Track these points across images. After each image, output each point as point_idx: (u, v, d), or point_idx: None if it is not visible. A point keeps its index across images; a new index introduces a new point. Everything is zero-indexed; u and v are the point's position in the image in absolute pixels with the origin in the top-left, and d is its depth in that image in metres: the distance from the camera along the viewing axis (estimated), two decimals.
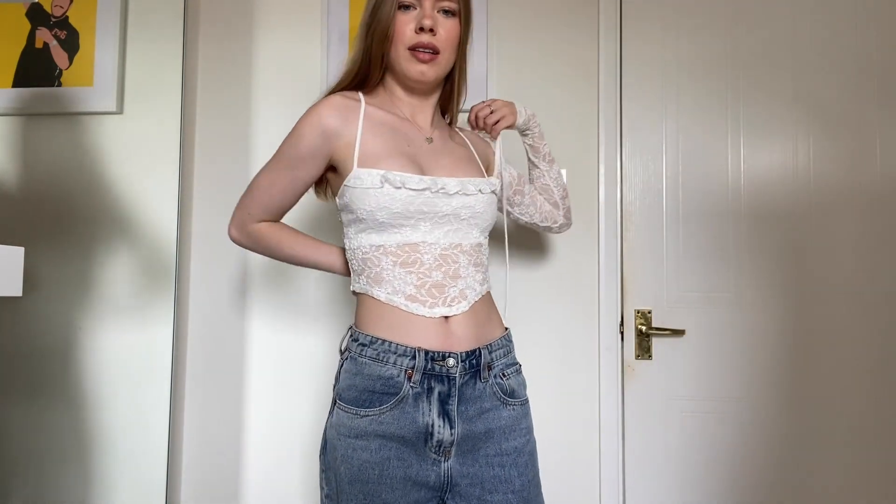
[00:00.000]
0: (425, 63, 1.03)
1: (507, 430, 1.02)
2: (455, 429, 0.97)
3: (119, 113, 1.60)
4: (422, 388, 0.97)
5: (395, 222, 0.99)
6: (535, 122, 1.24)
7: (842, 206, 1.61)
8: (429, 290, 0.99)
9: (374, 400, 0.96)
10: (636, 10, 1.67)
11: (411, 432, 0.96)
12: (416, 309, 0.98)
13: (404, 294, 0.99)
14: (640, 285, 1.63)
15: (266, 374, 1.65)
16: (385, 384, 0.97)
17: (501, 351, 1.06)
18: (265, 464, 1.64)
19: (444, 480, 0.98)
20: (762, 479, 1.59)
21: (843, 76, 1.62)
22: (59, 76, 1.61)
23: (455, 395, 0.98)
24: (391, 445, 0.96)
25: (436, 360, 0.97)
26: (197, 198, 1.69)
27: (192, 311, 1.67)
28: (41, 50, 1.61)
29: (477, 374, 1.01)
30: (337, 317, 1.65)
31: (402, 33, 1.03)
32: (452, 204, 1.01)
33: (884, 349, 1.58)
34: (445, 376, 0.98)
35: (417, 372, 0.96)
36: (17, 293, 0.63)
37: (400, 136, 1.06)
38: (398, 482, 0.95)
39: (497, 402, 1.02)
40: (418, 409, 0.96)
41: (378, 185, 0.98)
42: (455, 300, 1.01)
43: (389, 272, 0.99)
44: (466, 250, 1.04)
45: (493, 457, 1.00)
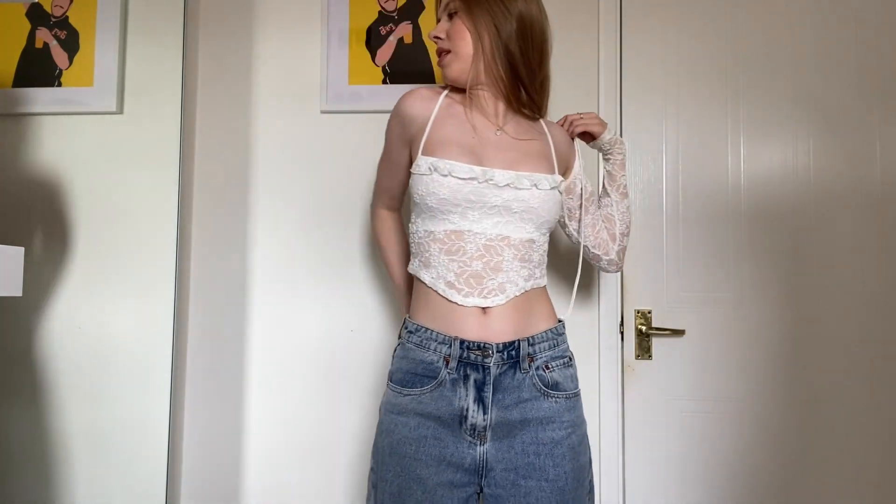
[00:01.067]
0: (443, 65, 1.15)
1: (545, 420, 1.04)
2: (488, 415, 1.02)
3: (119, 113, 1.60)
4: (458, 375, 1.03)
5: (444, 208, 1.04)
6: (619, 150, 1.25)
7: (842, 206, 1.61)
8: (467, 279, 1.04)
9: (416, 381, 1.05)
10: (636, 10, 1.67)
11: (447, 414, 1.02)
12: (451, 296, 1.04)
13: (444, 280, 1.05)
14: (639, 285, 1.63)
15: (266, 374, 1.66)
16: (426, 368, 1.04)
17: (546, 344, 1.08)
18: (265, 464, 1.64)
19: (479, 464, 1.02)
20: (762, 479, 1.59)
21: (843, 76, 1.62)
22: (59, 76, 1.61)
23: (490, 384, 1.03)
24: (429, 424, 1.03)
25: (471, 349, 1.03)
26: (197, 198, 1.69)
27: (192, 311, 1.67)
28: (41, 50, 1.61)
29: (516, 364, 1.04)
30: (337, 317, 1.65)
31: None
32: (503, 196, 1.05)
33: (884, 349, 1.58)
34: (480, 365, 1.03)
35: (453, 359, 1.03)
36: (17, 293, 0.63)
37: (467, 127, 1.11)
38: (432, 460, 1.01)
39: (537, 393, 1.04)
40: (455, 394, 1.02)
41: (428, 172, 1.05)
42: (492, 293, 1.05)
43: (436, 258, 1.06)
44: (514, 244, 1.06)
45: (529, 445, 1.03)
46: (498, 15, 1.10)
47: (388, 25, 1.66)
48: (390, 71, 1.65)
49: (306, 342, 1.65)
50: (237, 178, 1.68)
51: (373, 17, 1.67)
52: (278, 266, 1.67)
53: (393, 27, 1.66)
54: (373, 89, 1.64)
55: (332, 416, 1.63)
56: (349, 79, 1.65)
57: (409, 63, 1.65)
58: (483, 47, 1.11)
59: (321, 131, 1.67)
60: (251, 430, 1.65)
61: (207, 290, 1.67)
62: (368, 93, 1.64)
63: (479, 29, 1.11)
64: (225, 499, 1.64)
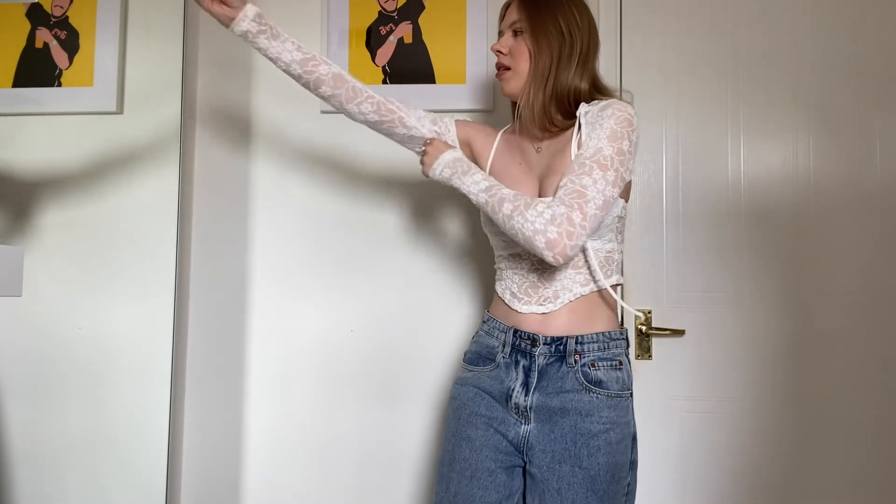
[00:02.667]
0: (502, 80, 1.22)
1: (584, 412, 1.10)
2: (529, 397, 1.13)
3: (119, 113, 1.60)
4: (510, 360, 1.16)
5: (500, 232, 1.17)
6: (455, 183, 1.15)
7: (842, 206, 1.61)
8: (526, 290, 1.17)
9: (480, 361, 1.21)
10: (636, 10, 1.67)
11: (498, 392, 1.16)
12: (514, 305, 1.18)
13: (510, 291, 1.20)
14: (640, 285, 1.63)
15: (266, 374, 1.66)
16: (489, 351, 1.20)
17: (597, 345, 1.14)
18: (265, 464, 1.64)
19: (521, 440, 1.13)
20: (762, 479, 1.59)
21: (843, 76, 1.62)
22: (59, 76, 1.61)
23: (535, 371, 1.13)
24: (483, 395, 1.18)
25: (522, 338, 1.15)
26: (197, 198, 1.69)
27: (192, 310, 1.67)
28: (41, 50, 1.61)
29: (563, 359, 1.13)
30: (337, 317, 1.65)
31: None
32: None
33: (884, 349, 1.58)
34: (528, 353, 1.14)
35: (507, 345, 1.17)
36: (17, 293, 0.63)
37: (514, 156, 1.24)
38: (481, 423, 1.15)
39: (579, 387, 1.11)
40: (508, 375, 1.16)
41: None
42: (547, 300, 1.15)
43: (505, 273, 1.22)
44: None
45: (568, 433, 1.10)
46: (563, 44, 1.16)
47: (388, 25, 1.66)
48: (390, 71, 1.65)
49: (306, 342, 1.65)
50: (237, 178, 1.68)
51: (373, 17, 1.67)
52: (278, 266, 1.67)
53: (393, 27, 1.66)
54: (373, 89, 1.64)
55: (332, 415, 1.63)
56: None
57: (408, 63, 1.65)
58: (537, 70, 1.17)
59: (321, 131, 1.67)
60: (251, 430, 1.65)
61: (207, 290, 1.67)
62: None
63: (540, 51, 1.16)
64: (225, 499, 1.64)
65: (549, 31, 1.18)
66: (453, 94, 1.64)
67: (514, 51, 1.19)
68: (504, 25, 1.23)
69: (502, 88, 1.23)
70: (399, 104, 1.24)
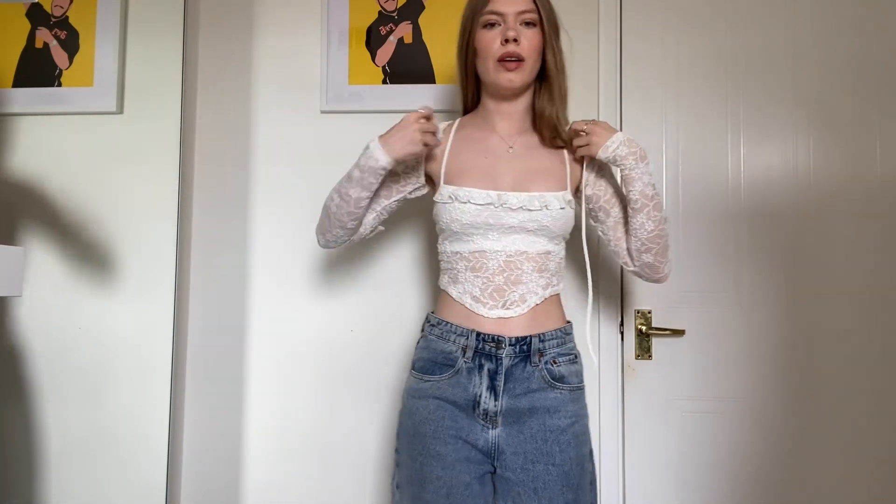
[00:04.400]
0: (511, 71, 1.15)
1: (551, 409, 1.11)
2: (499, 402, 1.11)
3: (119, 113, 1.60)
4: (473, 364, 1.12)
5: (467, 231, 1.15)
6: (627, 164, 1.14)
7: (842, 206, 1.61)
8: (491, 293, 1.14)
9: (436, 369, 1.15)
10: (636, 10, 1.67)
11: (463, 399, 1.12)
12: (478, 309, 1.14)
13: (471, 295, 1.15)
14: (640, 285, 1.63)
15: (266, 374, 1.66)
16: (445, 357, 1.14)
17: (555, 341, 1.16)
18: (265, 464, 1.64)
19: (492, 446, 1.11)
20: (762, 479, 1.59)
21: (843, 76, 1.62)
22: (59, 76, 1.61)
23: (502, 374, 1.12)
24: (446, 407, 1.12)
25: (486, 341, 1.12)
26: (197, 198, 1.69)
27: (192, 310, 1.67)
28: (41, 50, 1.61)
29: (527, 358, 1.13)
30: (338, 317, 1.65)
31: (490, 48, 1.16)
32: (518, 217, 1.14)
33: (883, 349, 1.58)
34: (493, 356, 1.12)
35: (469, 350, 1.13)
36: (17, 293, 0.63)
37: (479, 150, 1.21)
38: (449, 438, 1.11)
39: (545, 385, 1.12)
40: (470, 381, 1.12)
41: (449, 200, 1.15)
42: (514, 304, 1.14)
43: (463, 275, 1.16)
44: (532, 257, 1.16)
45: (537, 431, 1.10)
46: (558, 24, 1.21)
47: (387, 25, 1.66)
48: (390, 71, 1.65)
49: (306, 342, 1.65)
50: (237, 178, 1.68)
51: (373, 17, 1.67)
52: (278, 266, 1.67)
53: (393, 27, 1.66)
54: (373, 89, 1.65)
55: (331, 415, 1.63)
56: (349, 79, 1.65)
57: (409, 63, 1.65)
58: (548, 64, 1.18)
59: (321, 131, 1.67)
60: (251, 430, 1.65)
61: (207, 290, 1.67)
62: (368, 93, 1.64)
63: (548, 44, 1.18)
64: (225, 499, 1.64)
65: (559, 30, 1.20)
66: (453, 94, 1.64)
67: (529, 43, 1.15)
68: (513, 19, 1.14)
69: (509, 80, 1.16)
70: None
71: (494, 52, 1.15)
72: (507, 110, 1.23)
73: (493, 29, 1.16)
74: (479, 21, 1.17)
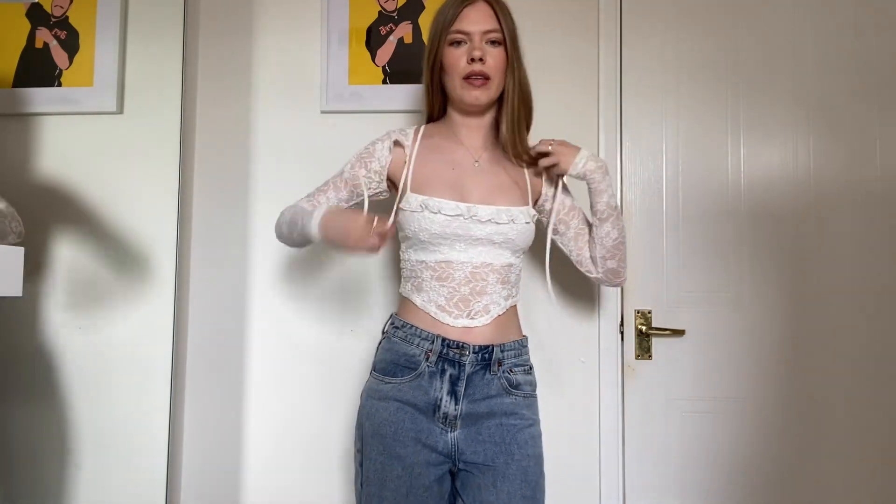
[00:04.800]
0: (478, 89, 1.19)
1: (508, 412, 1.16)
2: (459, 406, 1.14)
3: (119, 113, 1.60)
4: (436, 368, 1.15)
5: (435, 241, 1.16)
6: (595, 178, 1.21)
7: (842, 206, 1.61)
8: (456, 303, 1.16)
9: (398, 371, 1.16)
10: (636, 10, 1.67)
11: (423, 402, 1.14)
12: (443, 318, 1.16)
13: (436, 304, 1.17)
14: (640, 285, 1.63)
15: (266, 374, 1.65)
16: (408, 360, 1.16)
17: (513, 352, 1.20)
18: (265, 464, 1.64)
19: (451, 448, 1.14)
20: (762, 479, 1.59)
21: (843, 76, 1.62)
22: (59, 76, 1.61)
23: (464, 379, 1.14)
24: (406, 409, 1.14)
25: (451, 347, 1.15)
26: (197, 198, 1.69)
27: (192, 310, 1.67)
28: (41, 50, 1.61)
29: (488, 366, 1.16)
30: (338, 317, 1.65)
31: (456, 66, 1.19)
32: (486, 230, 1.17)
33: (883, 349, 1.58)
34: (457, 362, 1.15)
35: (433, 354, 1.15)
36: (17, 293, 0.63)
37: (447, 161, 1.22)
38: (409, 440, 1.13)
39: (502, 391, 1.16)
40: (432, 385, 1.14)
41: (419, 209, 1.16)
42: (478, 314, 1.17)
43: (428, 284, 1.18)
44: (496, 269, 1.19)
45: (495, 431, 1.14)
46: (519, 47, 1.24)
47: (388, 25, 1.66)
48: (390, 71, 1.65)
49: (306, 342, 1.65)
50: (237, 178, 1.68)
51: (373, 17, 1.67)
52: (278, 266, 1.67)
53: (393, 27, 1.66)
54: (373, 89, 1.65)
55: (331, 415, 1.63)
56: (349, 79, 1.65)
57: (409, 63, 1.65)
58: (507, 85, 1.22)
59: (321, 131, 1.67)
60: (251, 430, 1.65)
61: (207, 289, 1.67)
62: (368, 93, 1.64)
63: (513, 66, 1.21)
64: (225, 499, 1.64)
65: (520, 51, 1.24)
66: None
67: (495, 62, 1.19)
68: (478, 39, 1.17)
69: (475, 98, 1.19)
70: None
71: (461, 71, 1.18)
72: (473, 124, 1.26)
73: (459, 47, 1.19)
74: (446, 38, 1.19)
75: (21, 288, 0.63)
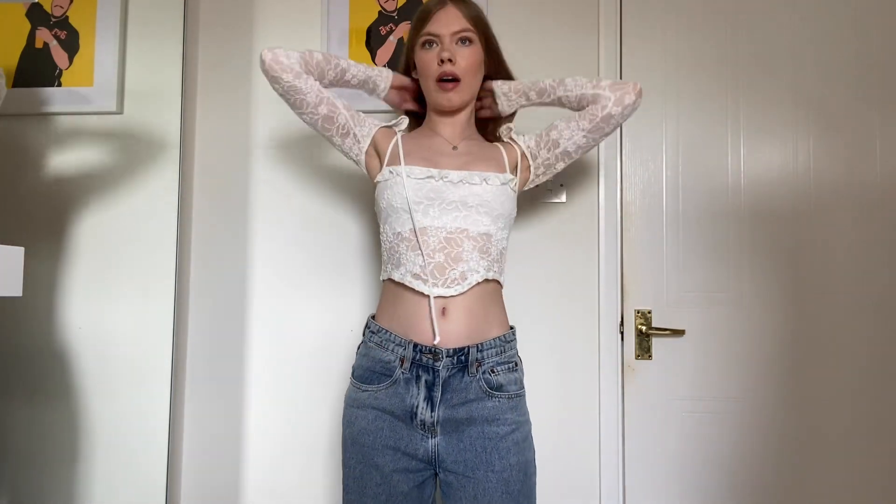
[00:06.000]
0: (449, 91, 1.20)
1: (489, 418, 1.12)
2: (436, 412, 1.11)
3: (119, 113, 1.60)
4: (411, 375, 1.12)
5: (407, 208, 1.14)
6: (521, 87, 1.27)
7: (842, 206, 1.61)
8: (431, 271, 1.13)
9: (374, 378, 1.15)
10: (636, 10, 1.67)
11: (400, 410, 1.12)
12: (418, 286, 1.12)
13: (411, 273, 1.14)
14: (640, 285, 1.63)
15: (266, 374, 1.65)
16: (384, 367, 1.14)
17: (494, 350, 1.15)
18: (265, 464, 1.64)
19: (432, 455, 1.12)
20: (762, 479, 1.59)
21: (843, 76, 1.62)
22: (59, 76, 1.61)
23: (439, 385, 1.12)
24: (385, 417, 1.13)
25: (423, 352, 1.12)
26: (197, 198, 1.69)
27: (192, 311, 1.67)
28: (41, 50, 1.61)
29: (465, 368, 1.13)
30: (338, 317, 1.65)
31: (428, 68, 1.21)
32: (459, 192, 1.15)
33: (883, 349, 1.58)
34: (431, 368, 1.12)
35: (407, 361, 1.12)
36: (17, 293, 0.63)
37: (424, 146, 1.24)
38: (388, 449, 1.12)
39: (482, 394, 1.12)
40: (408, 392, 1.12)
41: (390, 176, 1.17)
42: (454, 282, 1.13)
43: (405, 256, 1.15)
44: (472, 236, 1.15)
45: (476, 440, 1.11)
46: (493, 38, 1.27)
47: (387, 25, 1.66)
48: None
49: (306, 342, 1.65)
50: (237, 178, 1.68)
51: (373, 17, 1.67)
52: (278, 266, 1.66)
53: (393, 27, 1.66)
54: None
55: (331, 415, 1.63)
56: None
57: None
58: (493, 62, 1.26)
59: None
60: (251, 431, 1.65)
61: (207, 290, 1.67)
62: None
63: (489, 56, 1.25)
64: (225, 499, 1.64)
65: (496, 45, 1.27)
66: None
67: (466, 62, 1.20)
68: (449, 40, 1.19)
69: (448, 100, 1.21)
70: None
71: (433, 73, 1.20)
72: (449, 121, 1.27)
73: (431, 49, 1.21)
74: (419, 41, 1.23)
75: (21, 288, 0.63)
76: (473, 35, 1.21)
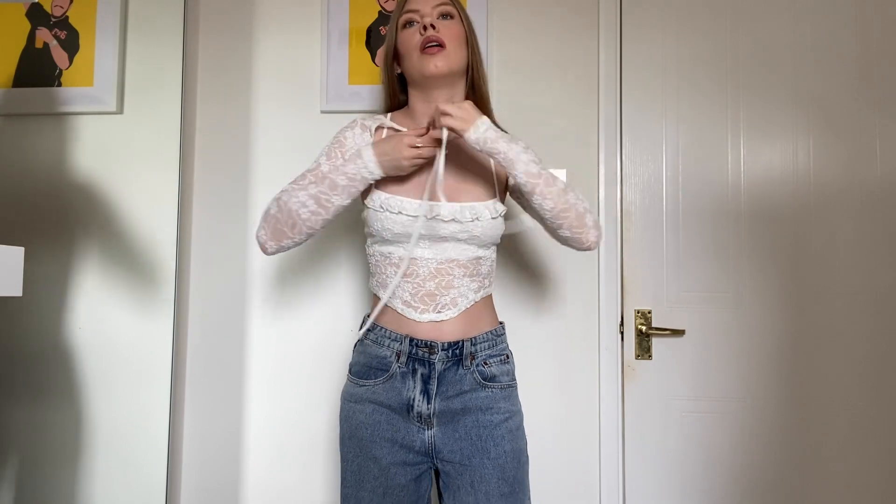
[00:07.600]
0: (435, 55, 1.15)
1: (483, 408, 1.14)
2: (432, 405, 1.13)
3: (119, 113, 1.60)
4: (407, 369, 1.14)
5: (398, 240, 1.14)
6: (499, 147, 1.08)
7: (842, 207, 1.61)
8: (422, 298, 1.14)
9: (371, 374, 1.16)
10: (636, 11, 1.67)
11: (397, 403, 1.14)
12: (409, 314, 1.15)
13: (401, 300, 1.15)
14: (640, 285, 1.63)
15: (266, 374, 1.66)
16: (380, 362, 1.16)
17: (486, 343, 1.17)
18: (265, 464, 1.64)
19: (428, 446, 1.14)
20: (761, 479, 1.59)
21: (843, 76, 1.62)
22: (59, 76, 1.61)
23: (434, 378, 1.13)
24: (382, 411, 1.14)
25: (419, 346, 1.13)
26: (197, 198, 1.69)
27: (192, 311, 1.67)
28: (41, 50, 1.61)
29: (459, 361, 1.14)
30: (337, 316, 1.65)
31: (411, 42, 1.18)
32: (449, 228, 1.13)
33: (883, 348, 1.58)
34: (426, 361, 1.13)
35: (403, 355, 1.14)
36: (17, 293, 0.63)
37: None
38: (386, 442, 1.13)
39: (476, 386, 1.14)
40: (404, 385, 1.14)
41: (381, 209, 1.14)
42: (445, 307, 1.15)
43: (392, 280, 1.16)
44: (463, 264, 1.16)
45: (472, 428, 1.13)
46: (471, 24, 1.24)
47: (387, 25, 1.66)
48: None
49: (306, 342, 1.65)
50: (237, 178, 1.68)
51: (373, 17, 1.67)
52: (278, 266, 1.67)
53: None
54: (373, 89, 1.65)
55: (331, 415, 1.63)
56: (349, 78, 1.65)
57: None
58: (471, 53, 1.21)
59: (321, 131, 1.67)
60: (251, 431, 1.65)
61: (207, 290, 1.67)
62: (368, 92, 1.64)
63: (470, 36, 1.22)
64: (225, 499, 1.64)
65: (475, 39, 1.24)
66: None
67: (448, 31, 1.17)
68: (428, 13, 1.17)
69: (435, 66, 1.14)
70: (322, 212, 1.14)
71: (416, 44, 1.16)
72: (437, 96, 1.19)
73: (412, 26, 1.19)
74: (400, 23, 1.20)
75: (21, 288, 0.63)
76: (454, 11, 1.20)
